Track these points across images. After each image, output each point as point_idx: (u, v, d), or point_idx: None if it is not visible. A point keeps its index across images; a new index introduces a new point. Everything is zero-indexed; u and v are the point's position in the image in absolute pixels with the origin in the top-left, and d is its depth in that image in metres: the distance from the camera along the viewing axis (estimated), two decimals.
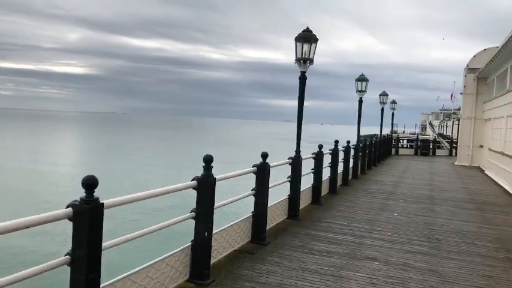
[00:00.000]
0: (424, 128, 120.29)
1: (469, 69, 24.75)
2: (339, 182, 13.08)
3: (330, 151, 11.95)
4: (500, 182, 16.49)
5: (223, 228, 5.91)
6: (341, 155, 13.13)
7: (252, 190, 6.80)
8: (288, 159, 8.47)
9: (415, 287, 5.32)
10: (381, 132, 24.19)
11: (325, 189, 11.43)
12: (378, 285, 5.29)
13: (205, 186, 5.01)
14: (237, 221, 6.39)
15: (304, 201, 9.72)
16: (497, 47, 24.04)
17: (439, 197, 12.44)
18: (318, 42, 8.35)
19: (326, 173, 11.45)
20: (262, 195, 6.85)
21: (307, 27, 8.42)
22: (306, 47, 8.13)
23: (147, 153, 48.43)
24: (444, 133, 75.69)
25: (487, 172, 20.53)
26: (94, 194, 3.32)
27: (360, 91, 15.52)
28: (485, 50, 24.37)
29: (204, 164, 5.02)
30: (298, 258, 6.15)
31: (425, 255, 6.68)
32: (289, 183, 8.62)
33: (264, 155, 6.74)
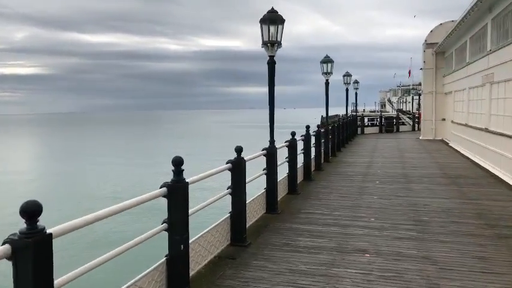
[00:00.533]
0: (383, 105, 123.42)
1: (428, 44, 25.02)
2: (312, 167, 12.71)
3: (303, 137, 11.51)
4: (466, 154, 16.73)
5: (200, 235, 5.31)
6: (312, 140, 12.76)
7: (228, 189, 6.21)
8: (263, 150, 7.93)
9: (413, 279, 4.95)
10: (346, 112, 24.12)
11: (300, 177, 11.01)
12: (374, 282, 4.88)
13: (177, 192, 4.38)
14: (214, 224, 5.79)
15: (281, 192, 9.23)
16: (453, 21, 24.47)
17: (413, 175, 12.34)
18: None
19: (299, 160, 11.02)
20: (240, 193, 6.28)
21: (272, 8, 7.89)
22: (272, 29, 7.61)
23: (104, 151, 46.69)
24: (403, 109, 77.76)
25: (451, 144, 20.89)
26: (38, 223, 2.63)
27: (325, 73, 15.15)
28: (441, 24, 24.67)
29: (173, 168, 4.38)
30: (284, 259, 5.65)
31: (414, 240, 6.37)
32: (265, 176, 8.11)
33: (239, 149, 6.17)
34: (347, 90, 23.25)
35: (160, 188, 4.35)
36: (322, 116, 64.28)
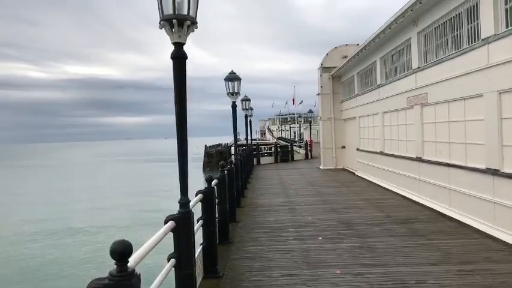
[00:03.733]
0: (263, 133, 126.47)
1: (324, 68, 23.80)
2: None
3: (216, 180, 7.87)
4: (386, 186, 14.92)
5: None
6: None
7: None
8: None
9: None
10: (246, 142, 21.19)
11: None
12: None
13: None
14: None
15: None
16: (347, 44, 23.78)
17: (354, 221, 9.57)
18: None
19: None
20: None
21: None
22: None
23: None
24: (283, 136, 79.39)
25: (359, 174, 19.32)
26: None
27: (231, 93, 11.90)
28: (336, 48, 23.74)
29: None
30: None
31: None
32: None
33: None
34: (246, 116, 20.40)
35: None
36: (205, 145, 61.32)
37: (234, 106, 12.10)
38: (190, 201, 4.32)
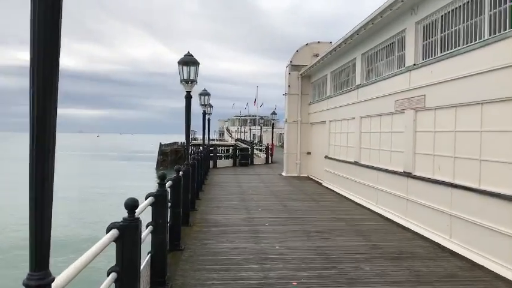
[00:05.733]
0: (221, 134, 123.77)
1: (293, 66, 21.67)
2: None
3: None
4: (361, 202, 12.92)
5: None
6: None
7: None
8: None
9: None
10: (203, 141, 18.59)
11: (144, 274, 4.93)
12: None
13: None
14: None
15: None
16: (319, 42, 21.82)
17: (337, 254, 7.32)
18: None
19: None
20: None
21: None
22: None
23: None
24: (243, 138, 77.09)
25: (326, 185, 17.31)
26: None
27: (186, 81, 9.34)
28: (307, 44, 21.71)
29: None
30: None
31: None
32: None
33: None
34: (204, 113, 17.79)
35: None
36: (160, 143, 57.90)
37: (188, 97, 9.54)
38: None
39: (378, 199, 11.80)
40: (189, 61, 9.42)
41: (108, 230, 3.41)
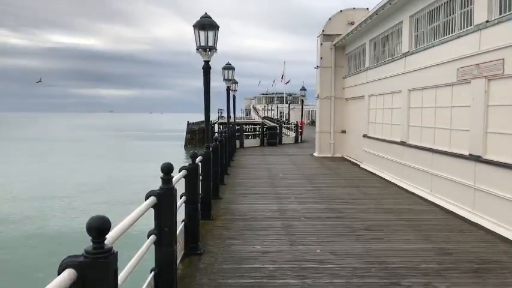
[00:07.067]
0: (248, 112, 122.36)
1: (325, 36, 19.64)
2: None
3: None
4: (412, 189, 11.18)
5: None
6: None
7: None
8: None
9: None
10: (228, 119, 17.08)
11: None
12: None
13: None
14: None
15: None
16: (355, 8, 19.67)
17: (397, 264, 5.71)
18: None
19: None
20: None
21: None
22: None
23: None
24: (269, 116, 75.32)
25: (365, 167, 15.57)
26: None
27: (204, 48, 7.76)
28: (341, 11, 19.60)
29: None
30: None
31: None
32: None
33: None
34: (228, 88, 16.23)
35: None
36: (188, 121, 56.91)
37: (207, 67, 7.99)
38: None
39: (432, 186, 10.02)
40: (206, 24, 7.79)
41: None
